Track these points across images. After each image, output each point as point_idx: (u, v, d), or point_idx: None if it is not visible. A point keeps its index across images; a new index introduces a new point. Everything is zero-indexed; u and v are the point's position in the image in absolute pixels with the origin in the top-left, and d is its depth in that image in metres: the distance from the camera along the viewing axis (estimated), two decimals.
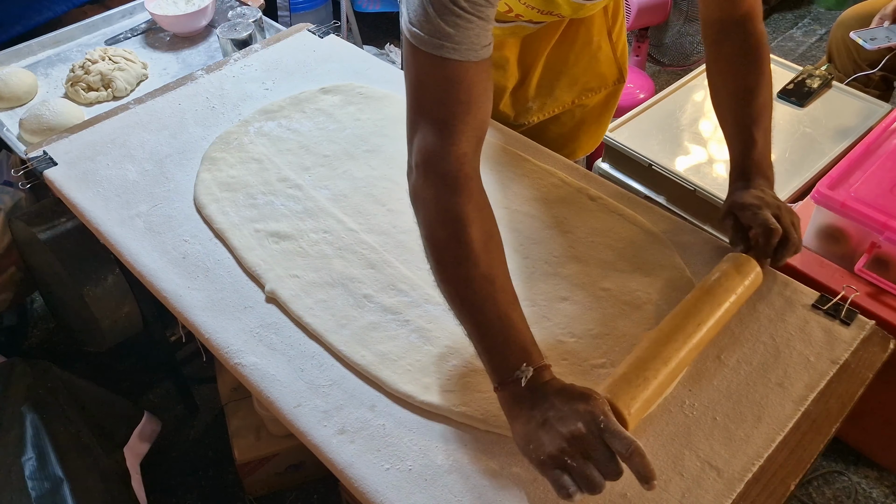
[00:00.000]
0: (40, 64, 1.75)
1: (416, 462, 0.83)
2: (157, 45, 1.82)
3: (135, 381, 1.88)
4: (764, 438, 0.84)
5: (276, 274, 1.04)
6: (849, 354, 0.92)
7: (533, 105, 1.33)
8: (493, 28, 1.17)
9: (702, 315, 0.88)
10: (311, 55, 1.50)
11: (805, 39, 3.14)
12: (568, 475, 0.71)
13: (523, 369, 0.77)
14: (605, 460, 0.71)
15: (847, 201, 1.31)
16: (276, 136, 1.28)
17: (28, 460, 1.26)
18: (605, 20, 1.32)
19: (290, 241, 1.09)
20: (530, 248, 1.06)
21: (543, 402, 0.75)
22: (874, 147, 1.43)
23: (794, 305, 0.98)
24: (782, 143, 1.67)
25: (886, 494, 1.64)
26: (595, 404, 0.73)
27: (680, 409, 0.87)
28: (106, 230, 1.13)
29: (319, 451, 0.86)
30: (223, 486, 1.68)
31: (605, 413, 0.73)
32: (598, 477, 0.71)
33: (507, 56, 1.28)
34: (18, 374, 1.40)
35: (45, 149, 1.28)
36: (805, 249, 1.43)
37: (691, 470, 0.81)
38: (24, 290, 1.81)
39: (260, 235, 1.10)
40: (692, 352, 0.86)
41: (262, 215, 1.14)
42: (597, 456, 0.71)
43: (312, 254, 1.07)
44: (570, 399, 0.75)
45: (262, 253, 1.08)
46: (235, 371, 0.95)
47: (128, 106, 1.38)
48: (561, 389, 0.76)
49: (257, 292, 1.03)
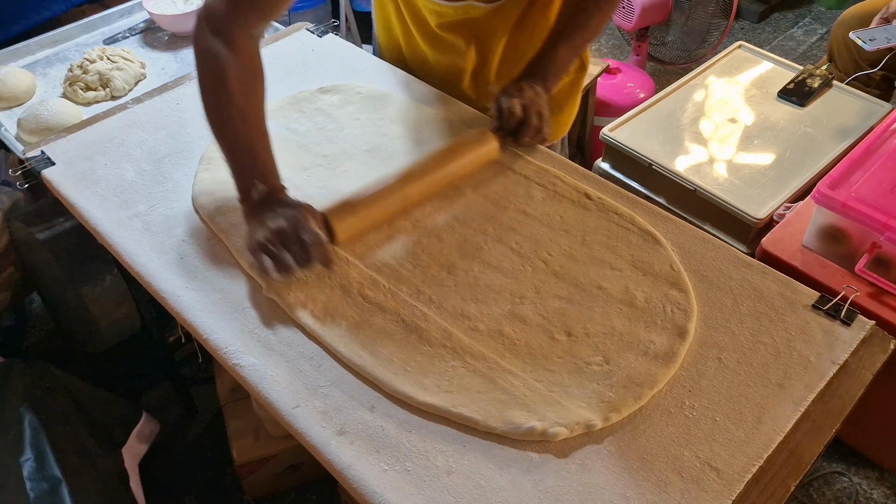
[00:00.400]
0: (38, 63, 1.75)
1: (415, 463, 0.83)
2: (155, 45, 1.82)
3: (133, 381, 1.88)
4: (764, 439, 0.83)
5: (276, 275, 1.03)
6: (849, 355, 0.92)
7: (494, 88, 1.33)
8: (445, 7, 1.23)
9: (427, 165, 1.09)
10: (310, 54, 1.49)
11: (806, 39, 3.13)
12: (269, 259, 0.95)
13: (257, 186, 0.98)
14: (298, 250, 0.94)
15: (848, 201, 1.31)
16: (273, 135, 1.27)
17: (27, 461, 1.26)
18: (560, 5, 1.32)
19: None
20: (527, 247, 1.06)
21: (268, 209, 0.96)
22: (875, 147, 1.43)
23: (795, 306, 0.98)
24: (783, 143, 1.66)
25: (887, 495, 1.63)
26: (300, 210, 0.96)
27: (680, 410, 0.87)
28: (104, 230, 1.13)
29: (318, 452, 0.85)
30: (222, 487, 1.68)
31: (304, 215, 0.95)
32: (290, 261, 0.94)
33: (463, 37, 1.28)
34: (17, 374, 1.40)
35: (44, 148, 1.28)
36: (805, 249, 1.43)
37: (691, 470, 0.81)
38: (22, 290, 1.81)
39: None
40: (411, 191, 1.07)
41: None
42: (292, 246, 0.93)
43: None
44: (285, 206, 0.97)
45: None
46: (234, 371, 0.94)
47: (126, 106, 1.37)
48: (283, 201, 0.98)
49: (256, 293, 1.03)
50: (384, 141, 1.25)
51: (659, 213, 1.12)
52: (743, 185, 1.58)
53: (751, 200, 1.54)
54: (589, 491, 0.80)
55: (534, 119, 1.12)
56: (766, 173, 1.60)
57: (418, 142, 1.25)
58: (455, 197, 1.14)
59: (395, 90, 1.37)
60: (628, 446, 0.84)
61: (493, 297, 0.99)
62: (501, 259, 1.04)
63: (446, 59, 1.33)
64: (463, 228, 1.09)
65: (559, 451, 0.83)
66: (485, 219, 1.10)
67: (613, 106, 2.26)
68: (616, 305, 0.98)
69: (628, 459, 0.82)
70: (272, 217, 0.95)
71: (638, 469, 0.81)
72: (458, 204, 1.13)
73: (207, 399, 1.84)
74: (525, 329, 0.95)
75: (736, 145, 1.67)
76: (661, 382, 0.88)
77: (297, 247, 0.94)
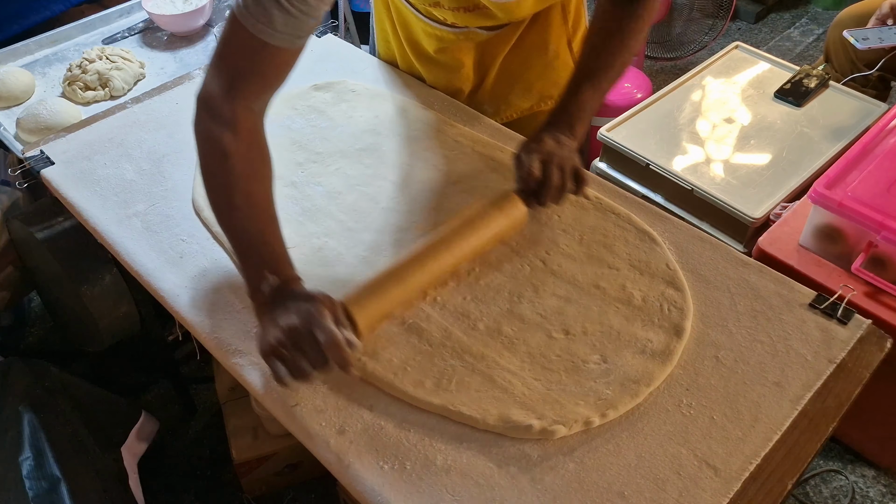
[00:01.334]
0: (37, 63, 1.75)
1: (413, 462, 0.83)
2: (154, 45, 1.82)
3: (132, 380, 1.88)
4: (761, 438, 0.84)
5: None
6: (846, 354, 0.92)
7: (488, 108, 1.34)
8: (447, 32, 1.21)
9: (450, 240, 0.99)
10: (309, 54, 1.49)
11: (802, 39, 3.14)
12: (282, 363, 0.82)
13: (268, 278, 0.87)
14: (312, 351, 0.81)
15: (844, 201, 1.32)
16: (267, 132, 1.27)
17: (26, 460, 1.26)
18: (564, 28, 1.30)
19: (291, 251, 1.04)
20: (524, 246, 1.06)
21: (281, 305, 0.85)
22: (871, 146, 1.43)
23: (792, 305, 0.98)
24: (779, 143, 1.67)
25: (884, 493, 1.64)
26: (314, 303, 0.83)
27: (677, 409, 0.87)
28: (103, 229, 1.13)
29: (317, 451, 0.86)
30: (221, 485, 1.68)
31: (320, 310, 0.82)
32: (305, 366, 0.81)
33: (463, 60, 1.29)
34: (16, 373, 1.40)
35: (43, 148, 1.28)
36: (802, 249, 1.43)
37: (689, 469, 0.81)
38: (21, 289, 1.81)
39: None
40: (434, 269, 0.97)
41: None
42: (306, 347, 0.81)
43: (314, 261, 1.06)
44: (299, 300, 0.85)
45: None
46: (233, 370, 0.95)
47: (125, 105, 1.37)
48: (296, 294, 0.87)
49: None
50: (378, 140, 1.26)
51: (656, 213, 1.12)
52: (740, 185, 1.58)
53: (747, 200, 1.54)
54: (587, 489, 0.80)
55: (554, 177, 0.99)
56: (763, 173, 1.61)
57: (410, 139, 1.25)
58: (454, 201, 1.14)
59: (393, 90, 1.37)
60: (626, 444, 0.84)
61: (492, 296, 1.00)
62: (500, 258, 1.05)
63: (443, 79, 1.34)
64: None
65: (557, 449, 0.84)
66: None
67: (611, 106, 2.27)
68: (613, 304, 0.98)
69: (626, 457, 0.83)
70: (284, 315, 0.84)
71: (635, 467, 0.82)
72: (456, 205, 1.13)
73: (206, 398, 1.85)
74: (523, 328, 0.95)
75: (733, 145, 1.67)
76: (658, 380, 0.89)
77: (312, 348, 0.81)
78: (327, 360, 0.82)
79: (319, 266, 1.06)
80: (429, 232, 1.07)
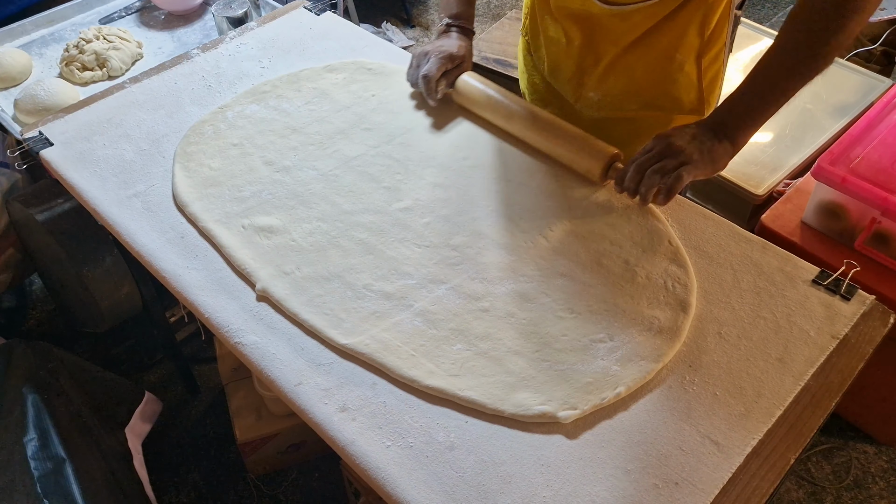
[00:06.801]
0: (34, 44, 1.74)
1: (417, 439, 0.83)
2: (151, 24, 1.81)
3: (135, 361, 1.89)
4: (764, 413, 0.84)
5: (268, 272, 1.01)
6: (849, 329, 0.92)
7: (594, 96, 1.24)
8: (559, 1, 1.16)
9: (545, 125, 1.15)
10: (308, 32, 1.48)
11: None
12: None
13: (442, 18, 1.28)
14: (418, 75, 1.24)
15: (847, 177, 1.31)
16: (259, 118, 1.26)
17: (30, 441, 1.27)
18: (698, 40, 1.15)
19: (281, 235, 1.06)
20: (527, 222, 1.06)
21: (432, 42, 1.26)
22: (875, 122, 1.43)
23: (795, 281, 0.98)
24: (783, 120, 1.66)
25: (885, 469, 1.65)
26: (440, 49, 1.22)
27: (680, 385, 0.87)
28: (103, 210, 1.13)
29: (321, 430, 0.86)
30: (225, 465, 1.69)
31: (436, 55, 1.21)
32: (417, 77, 1.24)
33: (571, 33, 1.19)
34: (19, 355, 1.41)
35: (41, 129, 1.27)
36: (805, 226, 1.43)
37: (692, 444, 0.82)
38: (22, 271, 1.81)
39: (248, 231, 1.07)
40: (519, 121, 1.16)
41: (250, 208, 1.10)
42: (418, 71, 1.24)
43: (306, 246, 1.05)
44: (441, 39, 1.26)
45: (252, 251, 1.04)
46: (236, 350, 0.95)
47: (123, 85, 1.36)
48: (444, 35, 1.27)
49: None
50: (389, 118, 1.24)
51: None
52: (743, 162, 1.57)
53: (750, 177, 1.54)
54: (591, 465, 0.80)
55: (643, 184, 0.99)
56: (766, 150, 1.60)
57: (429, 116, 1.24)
58: (457, 174, 1.14)
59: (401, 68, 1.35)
60: (629, 420, 0.84)
61: (495, 274, 0.99)
62: (504, 236, 1.04)
63: (555, 47, 1.25)
64: (467, 207, 1.09)
65: (561, 427, 0.84)
66: (485, 194, 1.10)
67: None
68: (617, 282, 0.98)
69: (629, 434, 0.83)
70: (428, 44, 1.23)
71: (639, 443, 0.82)
72: (463, 182, 1.13)
73: (209, 378, 1.85)
74: (530, 308, 0.95)
75: None
76: (668, 356, 0.89)
77: (419, 73, 1.21)
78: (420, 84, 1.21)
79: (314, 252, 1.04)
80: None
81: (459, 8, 1.26)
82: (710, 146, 0.99)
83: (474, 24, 1.29)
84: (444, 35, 1.25)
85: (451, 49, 1.21)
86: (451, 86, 1.23)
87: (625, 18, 1.11)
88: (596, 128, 1.19)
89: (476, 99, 1.21)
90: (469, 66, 1.25)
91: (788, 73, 0.96)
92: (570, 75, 1.24)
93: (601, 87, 1.22)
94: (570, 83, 1.25)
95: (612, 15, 1.11)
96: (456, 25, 1.25)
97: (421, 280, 0.99)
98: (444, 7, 1.27)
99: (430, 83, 1.19)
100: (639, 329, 0.92)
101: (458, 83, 1.22)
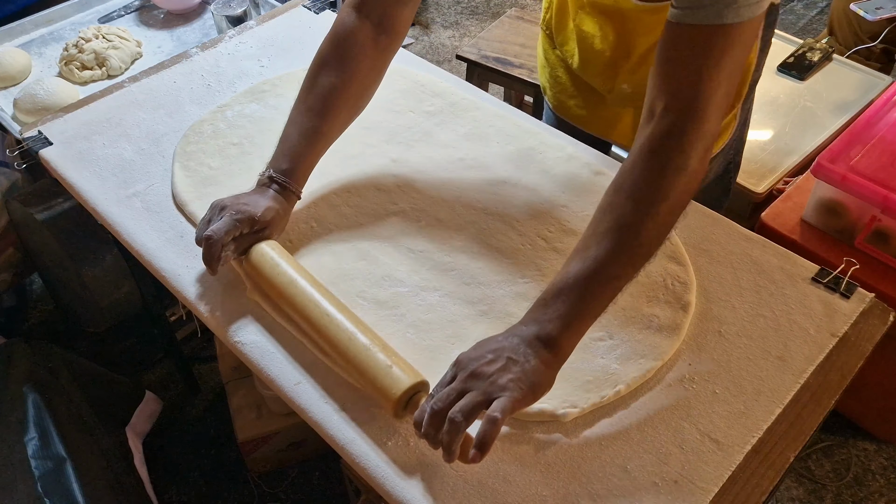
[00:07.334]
0: (34, 43, 1.74)
1: (416, 438, 0.83)
2: (150, 23, 1.81)
3: (135, 360, 1.89)
4: (763, 411, 0.84)
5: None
6: (848, 327, 0.92)
7: (627, 88, 1.23)
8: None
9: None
10: (307, 31, 1.48)
11: (806, 12, 3.11)
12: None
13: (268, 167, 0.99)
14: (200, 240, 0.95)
15: (847, 175, 1.31)
16: (258, 117, 1.25)
17: (31, 440, 1.27)
18: None
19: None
20: (526, 224, 1.06)
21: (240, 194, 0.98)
22: (875, 120, 1.42)
23: (794, 279, 0.98)
24: (782, 117, 1.66)
25: (885, 467, 1.65)
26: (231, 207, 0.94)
27: (680, 383, 0.87)
28: (103, 210, 1.13)
29: (321, 428, 0.86)
30: (225, 464, 1.69)
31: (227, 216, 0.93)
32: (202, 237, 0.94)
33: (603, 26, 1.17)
34: (19, 354, 1.41)
35: (41, 128, 1.27)
36: (805, 223, 1.43)
37: (691, 442, 0.82)
38: (22, 271, 1.81)
39: None
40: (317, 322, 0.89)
41: None
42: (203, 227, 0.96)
43: (301, 252, 1.04)
44: (242, 196, 0.97)
45: None
46: (235, 349, 0.95)
47: (123, 84, 1.36)
48: (251, 191, 0.99)
49: None
50: (389, 117, 1.24)
51: None
52: (742, 160, 1.57)
53: (750, 175, 1.54)
54: (590, 463, 0.80)
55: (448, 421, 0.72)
56: (766, 147, 1.60)
57: (428, 116, 1.24)
58: (453, 175, 1.14)
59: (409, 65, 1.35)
60: (628, 418, 0.84)
61: (494, 277, 0.99)
62: (501, 238, 1.04)
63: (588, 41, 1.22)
64: (463, 209, 1.09)
65: (560, 425, 0.84)
66: (483, 196, 1.10)
67: None
68: None
69: (629, 432, 0.83)
70: (230, 197, 0.97)
71: (638, 441, 0.82)
72: (456, 184, 1.13)
73: (210, 377, 1.85)
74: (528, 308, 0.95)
75: None
76: (668, 354, 0.89)
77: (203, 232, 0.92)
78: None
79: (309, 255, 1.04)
80: None
81: (289, 163, 0.98)
82: (526, 367, 0.74)
83: (303, 187, 1.01)
84: (257, 190, 0.98)
85: (255, 211, 0.94)
86: (241, 253, 0.95)
87: (655, 12, 1.10)
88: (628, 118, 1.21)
89: (267, 280, 0.93)
90: (273, 237, 0.98)
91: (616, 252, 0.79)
92: (603, 68, 1.23)
93: (633, 79, 1.21)
94: (602, 76, 1.24)
95: (643, 10, 1.11)
96: (278, 182, 0.98)
97: (413, 287, 0.98)
98: (275, 155, 1.00)
99: (211, 248, 0.90)
100: (638, 327, 0.92)
101: (253, 253, 0.95)
